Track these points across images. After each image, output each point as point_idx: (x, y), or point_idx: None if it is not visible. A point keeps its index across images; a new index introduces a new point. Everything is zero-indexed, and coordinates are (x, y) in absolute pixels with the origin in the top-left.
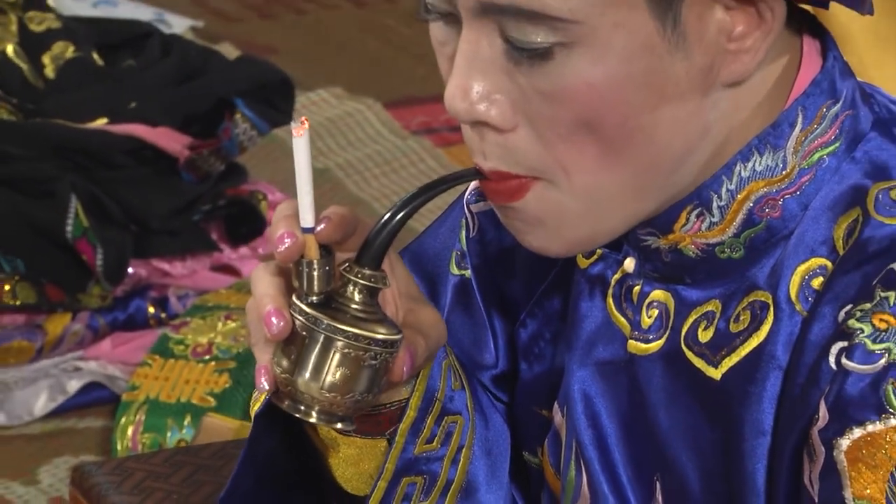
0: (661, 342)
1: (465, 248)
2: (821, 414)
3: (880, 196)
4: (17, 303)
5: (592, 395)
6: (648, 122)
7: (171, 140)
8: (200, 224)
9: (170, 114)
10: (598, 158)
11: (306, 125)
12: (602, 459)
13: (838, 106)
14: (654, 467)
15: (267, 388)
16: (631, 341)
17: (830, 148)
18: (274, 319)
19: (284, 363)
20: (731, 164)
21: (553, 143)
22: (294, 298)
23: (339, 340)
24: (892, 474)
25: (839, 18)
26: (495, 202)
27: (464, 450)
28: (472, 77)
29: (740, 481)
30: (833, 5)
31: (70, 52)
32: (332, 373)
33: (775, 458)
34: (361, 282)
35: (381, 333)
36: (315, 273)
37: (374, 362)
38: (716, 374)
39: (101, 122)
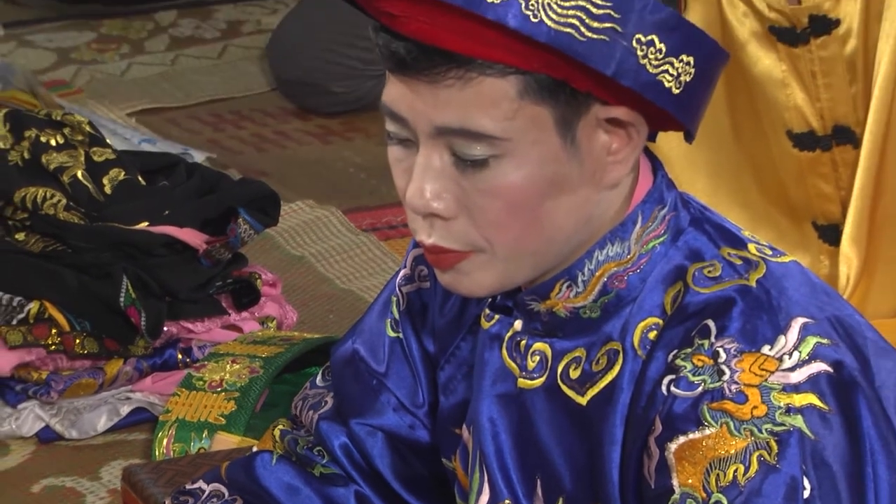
0: (542, 379)
1: (397, 316)
2: (656, 426)
3: (696, 273)
4: (85, 352)
5: (495, 419)
6: (551, 207)
7: (193, 237)
8: (214, 296)
9: (193, 218)
10: (516, 235)
11: None
12: (499, 463)
13: (666, 209)
14: (536, 468)
15: None
16: (520, 379)
17: (661, 239)
18: None
19: None
20: (592, 251)
21: (484, 226)
22: None
23: None
24: (706, 469)
25: (663, 149)
26: (437, 268)
27: None
28: (427, 181)
29: (601, 476)
30: (661, 137)
31: (122, 175)
32: None
33: (625, 460)
34: None
35: None
36: None
37: None
38: (583, 400)
39: (143, 225)
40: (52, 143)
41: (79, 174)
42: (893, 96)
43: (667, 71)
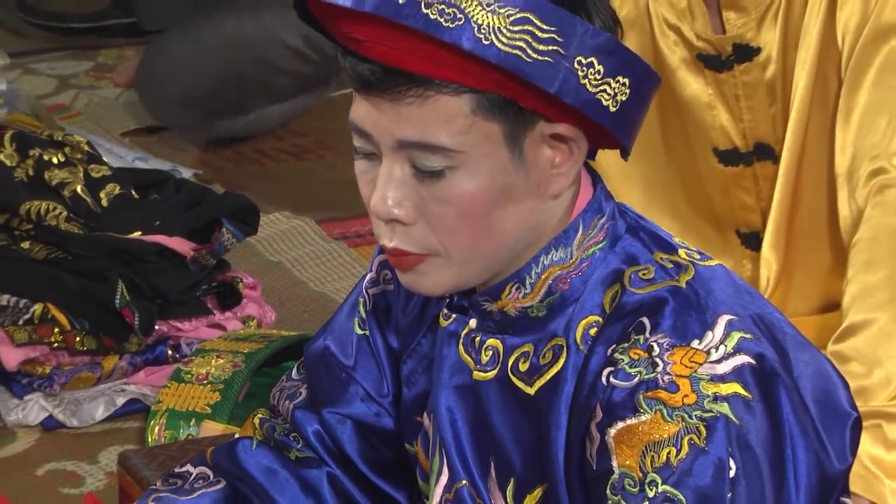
0: (494, 372)
1: (363, 316)
2: (597, 413)
3: (632, 276)
4: (84, 348)
5: (452, 408)
6: (501, 216)
7: (182, 245)
8: (201, 298)
9: (181, 228)
10: (469, 240)
11: None
12: (457, 448)
13: (604, 218)
14: (490, 452)
15: None
16: (475, 372)
17: (600, 245)
18: None
19: None
20: (538, 255)
21: (440, 231)
22: None
23: None
24: (642, 451)
25: (601, 164)
26: (399, 269)
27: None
28: (389, 190)
29: (547, 459)
30: (600, 153)
31: (117, 190)
32: None
33: (569, 444)
34: None
35: None
36: None
37: None
38: (531, 390)
39: (136, 234)
40: (54, 160)
41: (78, 189)
42: (809, 116)
43: (605, 90)
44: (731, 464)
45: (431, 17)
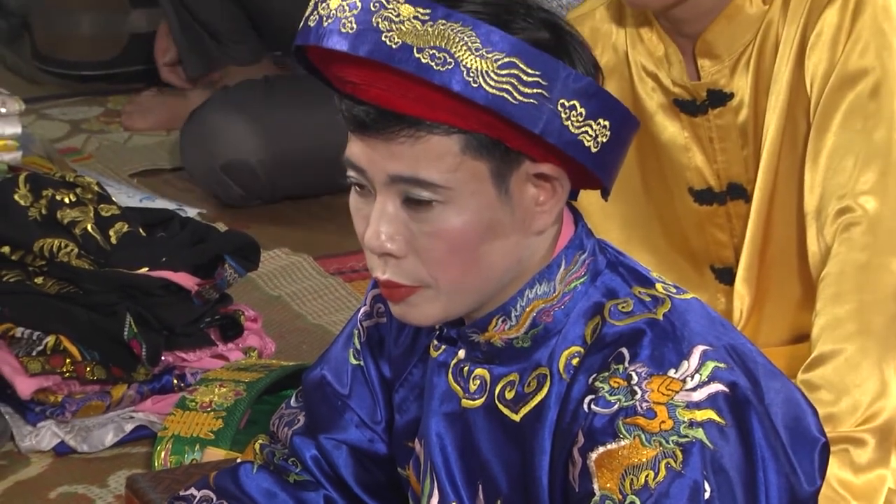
0: (482, 400)
1: (358, 347)
2: (579, 438)
3: (612, 308)
4: (95, 378)
5: (442, 434)
6: (487, 249)
7: (187, 280)
8: (205, 330)
9: (186, 264)
10: (457, 272)
11: None
12: (446, 472)
13: (585, 254)
14: (478, 476)
15: None
16: (463, 400)
17: (581, 280)
18: None
19: None
20: (523, 290)
21: (430, 264)
22: None
23: None
24: (622, 475)
25: (583, 202)
26: (391, 300)
27: None
28: (382, 225)
29: (532, 482)
30: (581, 193)
31: (125, 228)
32: None
33: (552, 467)
34: None
35: None
36: None
37: None
38: (516, 417)
39: (144, 270)
40: (66, 200)
41: (89, 227)
42: (779, 158)
43: (587, 132)
44: (706, 486)
45: (423, 61)
